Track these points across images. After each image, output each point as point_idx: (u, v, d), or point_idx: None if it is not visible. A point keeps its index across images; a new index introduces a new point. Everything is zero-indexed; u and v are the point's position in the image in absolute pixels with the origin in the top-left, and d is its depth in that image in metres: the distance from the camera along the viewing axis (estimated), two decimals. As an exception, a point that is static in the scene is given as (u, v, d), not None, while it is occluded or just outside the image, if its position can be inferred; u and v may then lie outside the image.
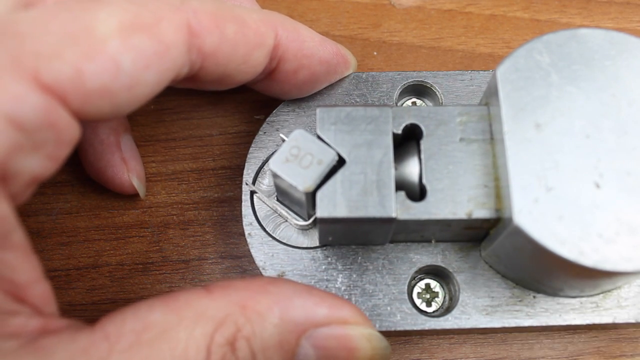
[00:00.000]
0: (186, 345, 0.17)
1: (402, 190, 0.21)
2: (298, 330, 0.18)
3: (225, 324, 0.17)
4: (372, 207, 0.20)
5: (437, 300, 0.24)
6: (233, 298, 0.18)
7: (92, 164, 0.25)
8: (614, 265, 0.18)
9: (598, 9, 0.31)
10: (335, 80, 0.26)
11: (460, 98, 0.26)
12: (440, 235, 0.23)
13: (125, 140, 0.26)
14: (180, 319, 0.17)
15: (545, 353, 0.25)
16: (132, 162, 0.26)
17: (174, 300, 0.18)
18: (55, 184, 0.27)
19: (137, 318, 0.17)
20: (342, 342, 0.19)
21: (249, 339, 0.18)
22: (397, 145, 0.21)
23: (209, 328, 0.17)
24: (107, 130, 0.25)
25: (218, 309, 0.18)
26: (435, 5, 0.31)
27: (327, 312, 0.19)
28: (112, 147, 0.25)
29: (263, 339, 0.18)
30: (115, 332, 0.17)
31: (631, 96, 0.20)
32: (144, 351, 0.16)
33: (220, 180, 0.28)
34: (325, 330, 0.19)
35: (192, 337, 0.17)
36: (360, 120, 0.21)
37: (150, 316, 0.17)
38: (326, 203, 0.20)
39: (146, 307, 0.17)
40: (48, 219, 0.27)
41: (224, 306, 0.18)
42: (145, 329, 0.17)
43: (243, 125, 0.29)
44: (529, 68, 0.21)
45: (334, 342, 0.19)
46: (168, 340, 0.17)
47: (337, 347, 0.19)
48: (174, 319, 0.17)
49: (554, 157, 0.19)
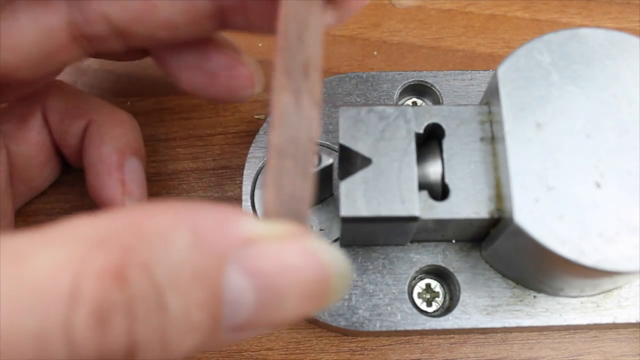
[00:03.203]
0: (39, 272, 0.12)
1: (424, 189, 0.21)
2: (220, 252, 0.13)
3: (105, 247, 0.12)
4: (396, 206, 0.20)
5: (437, 300, 0.24)
6: (121, 218, 0.13)
7: (90, 182, 0.24)
8: (614, 265, 0.18)
9: (598, 8, 0.31)
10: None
11: (460, 98, 0.26)
12: (460, 235, 0.23)
13: (130, 162, 0.24)
14: (44, 242, 0.12)
15: (546, 353, 0.25)
16: (132, 186, 0.24)
17: (48, 225, 0.13)
18: (55, 183, 0.27)
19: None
20: (283, 261, 0.13)
21: (147, 268, 0.12)
22: (418, 145, 0.21)
23: (79, 250, 0.12)
24: (110, 149, 0.24)
25: (97, 229, 0.12)
26: (435, 5, 0.31)
27: (253, 224, 0.13)
28: (112, 167, 0.24)
29: (171, 266, 0.12)
30: None
31: (631, 96, 0.20)
32: None
33: (220, 180, 0.28)
34: (258, 248, 0.13)
35: (52, 261, 0.12)
36: (382, 119, 0.21)
37: (10, 238, 0.12)
38: (349, 203, 0.20)
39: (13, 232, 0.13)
40: (48, 219, 0.27)
41: (107, 226, 0.13)
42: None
43: (243, 125, 0.29)
44: (529, 68, 0.21)
45: (271, 263, 0.13)
46: (14, 263, 0.12)
47: (278, 270, 0.13)
48: (35, 241, 0.12)
49: (554, 156, 0.19)
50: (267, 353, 0.24)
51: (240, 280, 0.13)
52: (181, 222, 0.13)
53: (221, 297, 0.13)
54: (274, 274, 0.13)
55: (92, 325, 0.12)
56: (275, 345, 0.24)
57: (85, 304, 0.11)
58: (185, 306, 0.12)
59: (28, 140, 0.25)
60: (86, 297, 0.11)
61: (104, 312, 0.12)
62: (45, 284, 0.11)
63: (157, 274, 0.12)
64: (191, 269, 0.12)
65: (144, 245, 0.12)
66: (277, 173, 0.15)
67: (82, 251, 0.12)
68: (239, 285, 0.13)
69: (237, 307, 0.13)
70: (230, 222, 0.13)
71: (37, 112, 0.25)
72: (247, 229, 0.13)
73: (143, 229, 0.12)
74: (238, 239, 0.13)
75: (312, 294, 0.13)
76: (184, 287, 0.12)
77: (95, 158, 0.24)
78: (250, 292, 0.13)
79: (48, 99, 0.25)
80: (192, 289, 0.12)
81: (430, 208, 0.20)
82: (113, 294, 0.12)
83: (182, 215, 0.13)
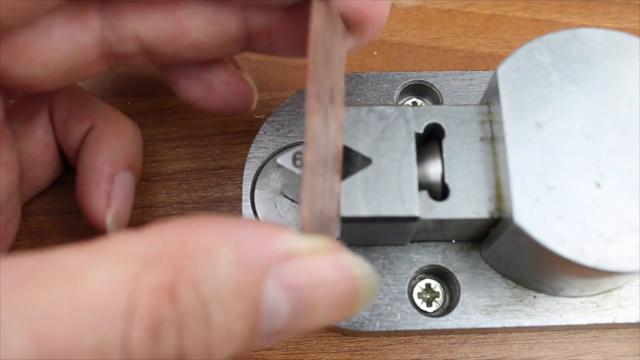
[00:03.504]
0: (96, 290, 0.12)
1: (424, 189, 0.21)
2: (260, 267, 0.14)
3: (156, 265, 0.13)
4: (396, 206, 0.20)
5: (437, 300, 0.24)
6: (168, 234, 0.14)
7: (78, 187, 0.24)
8: (614, 265, 0.18)
9: (598, 8, 0.31)
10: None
11: (460, 98, 0.26)
12: (460, 235, 0.23)
13: (121, 176, 0.24)
14: (96, 258, 0.13)
15: (546, 353, 0.25)
16: (117, 200, 0.24)
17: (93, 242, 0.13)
18: (55, 183, 0.27)
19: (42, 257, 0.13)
20: (317, 275, 0.14)
21: (195, 284, 0.13)
22: (418, 145, 0.21)
23: (133, 268, 0.13)
24: (104, 159, 0.24)
25: (148, 246, 0.13)
26: (435, 5, 0.31)
27: (291, 240, 0.14)
28: (101, 177, 0.24)
29: (216, 282, 0.13)
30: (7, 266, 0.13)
31: (631, 96, 0.20)
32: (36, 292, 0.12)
33: (220, 180, 0.28)
34: (294, 263, 0.14)
35: (108, 279, 0.12)
36: (381, 119, 0.21)
37: (58, 255, 0.13)
38: (349, 202, 0.20)
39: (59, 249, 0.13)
40: (48, 219, 0.27)
41: (157, 243, 0.13)
42: (47, 266, 0.13)
43: (243, 125, 0.29)
44: (529, 68, 0.21)
45: (306, 277, 0.14)
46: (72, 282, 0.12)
47: (312, 284, 0.14)
48: (87, 259, 0.13)
49: (554, 156, 0.19)
50: (267, 353, 0.24)
51: (277, 293, 0.14)
52: (224, 238, 0.13)
53: (260, 309, 0.14)
54: (309, 287, 0.14)
55: (146, 339, 0.12)
56: (275, 345, 0.24)
57: (141, 320, 0.12)
58: (228, 318, 0.13)
59: (35, 139, 0.25)
60: (141, 313, 0.12)
61: (157, 326, 0.12)
62: (103, 302, 0.12)
63: (203, 289, 0.13)
64: (233, 283, 0.13)
65: (192, 263, 0.13)
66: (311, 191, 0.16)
67: (136, 270, 0.13)
68: (276, 298, 0.14)
69: (274, 317, 0.14)
70: (270, 238, 0.14)
71: (45, 111, 0.25)
72: (285, 244, 0.14)
73: (189, 246, 0.13)
74: (276, 254, 0.14)
75: (342, 304, 0.15)
76: (227, 301, 0.13)
77: (88, 165, 0.24)
78: (286, 304, 0.14)
79: (55, 97, 0.25)
80: (234, 303, 0.13)
81: (430, 208, 0.20)
82: (165, 309, 0.13)
83: (225, 231, 0.14)
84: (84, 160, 0.24)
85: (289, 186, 0.23)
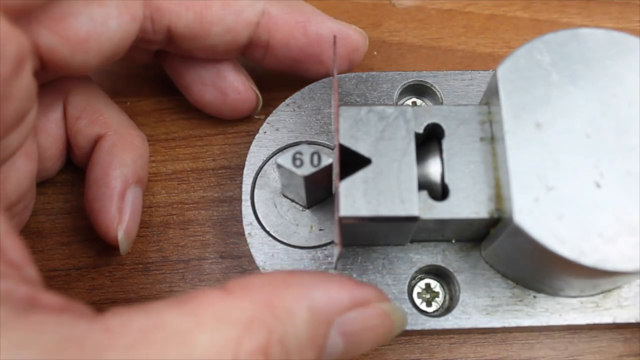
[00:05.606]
0: (205, 352, 0.15)
1: (424, 189, 0.21)
2: (327, 321, 0.17)
3: (254, 328, 0.15)
4: (395, 206, 0.20)
5: (437, 300, 0.24)
6: (257, 297, 0.16)
7: (90, 201, 0.25)
8: (614, 265, 0.18)
9: (598, 8, 0.31)
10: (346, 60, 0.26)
11: (460, 98, 0.26)
12: (461, 235, 0.23)
13: (132, 192, 0.25)
14: (199, 321, 0.15)
15: (546, 353, 0.25)
16: (127, 216, 0.24)
17: (190, 301, 0.16)
18: (55, 183, 0.27)
19: (147, 316, 0.15)
20: (366, 323, 0.18)
21: (282, 341, 0.16)
22: (418, 145, 0.21)
23: (234, 332, 0.15)
24: (117, 175, 0.24)
25: (243, 310, 0.16)
26: (435, 5, 0.31)
27: (350, 297, 0.18)
28: (114, 193, 0.24)
29: (297, 338, 0.16)
30: (119, 327, 0.14)
31: (631, 96, 0.20)
32: (151, 351, 0.14)
33: (220, 180, 0.28)
34: (351, 315, 0.18)
35: (214, 342, 0.15)
36: (381, 119, 0.21)
37: (163, 315, 0.15)
38: (349, 202, 0.20)
39: (158, 307, 0.15)
40: (48, 219, 0.27)
41: (249, 307, 0.16)
42: (156, 328, 0.15)
43: (243, 125, 0.29)
44: (529, 68, 0.21)
45: (359, 325, 0.18)
46: (182, 343, 0.14)
47: (362, 329, 0.18)
48: (191, 320, 0.15)
49: (554, 156, 0.19)
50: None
51: (337, 339, 0.18)
52: (301, 298, 0.17)
53: (324, 352, 0.17)
54: (360, 332, 0.18)
55: None
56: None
57: None
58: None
59: (48, 132, 0.25)
60: None
61: None
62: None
63: (288, 345, 0.16)
64: (308, 336, 0.17)
65: (279, 323, 0.16)
66: None
67: (236, 334, 0.15)
68: (335, 342, 0.18)
69: (331, 355, 0.18)
70: (334, 298, 0.17)
71: (59, 105, 0.25)
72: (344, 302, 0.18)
73: (276, 307, 0.16)
74: (339, 310, 0.17)
75: (381, 340, 0.19)
76: (302, 350, 0.17)
77: (101, 180, 0.25)
78: (341, 344, 0.18)
79: (71, 93, 0.25)
80: (307, 351, 0.17)
81: (430, 208, 0.20)
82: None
83: (301, 293, 0.17)
84: (95, 173, 0.25)
85: (288, 186, 0.23)
